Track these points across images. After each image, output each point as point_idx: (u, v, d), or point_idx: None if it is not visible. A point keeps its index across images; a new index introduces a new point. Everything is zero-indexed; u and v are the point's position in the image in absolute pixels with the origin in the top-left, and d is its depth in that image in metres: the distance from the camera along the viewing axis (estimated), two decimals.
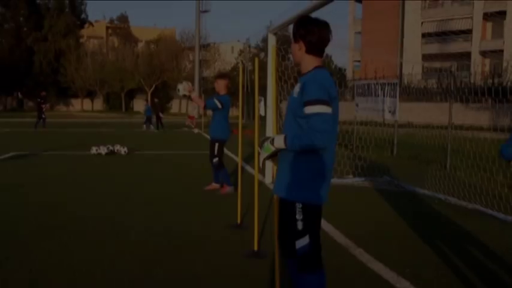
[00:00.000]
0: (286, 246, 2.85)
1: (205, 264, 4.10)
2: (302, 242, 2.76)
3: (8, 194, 6.93)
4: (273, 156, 2.77)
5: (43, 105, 22.18)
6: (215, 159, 7.22)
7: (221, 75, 7.78)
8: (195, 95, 7.08)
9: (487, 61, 42.87)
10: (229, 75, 7.90)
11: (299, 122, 2.66)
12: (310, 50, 2.72)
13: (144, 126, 24.39)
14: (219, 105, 7.10)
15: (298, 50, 2.76)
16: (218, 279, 3.75)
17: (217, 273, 3.89)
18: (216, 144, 7.24)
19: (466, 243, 4.79)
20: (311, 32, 2.69)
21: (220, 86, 7.26)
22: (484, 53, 43.04)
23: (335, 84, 2.76)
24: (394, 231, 5.22)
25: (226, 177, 7.27)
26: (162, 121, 23.90)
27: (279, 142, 2.67)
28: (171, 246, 4.57)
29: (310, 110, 2.56)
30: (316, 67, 2.72)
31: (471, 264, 4.14)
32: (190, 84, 7.08)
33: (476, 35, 43.14)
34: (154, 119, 24.14)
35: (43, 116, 22.00)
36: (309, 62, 2.75)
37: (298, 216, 2.72)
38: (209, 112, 8.09)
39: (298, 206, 2.73)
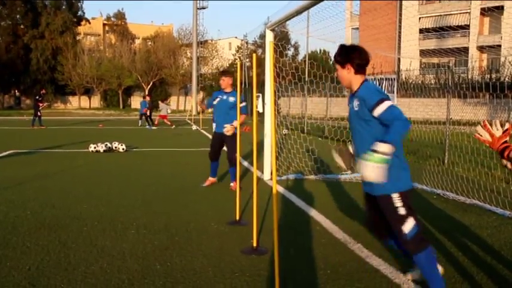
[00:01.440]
0: (395, 236, 3.33)
1: (205, 260, 4.11)
2: (408, 225, 3.15)
3: (6, 192, 6.92)
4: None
5: (40, 103, 22.13)
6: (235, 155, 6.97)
7: (226, 72, 7.63)
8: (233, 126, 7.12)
9: (485, 56, 42.91)
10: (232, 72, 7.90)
11: (372, 124, 3.14)
12: (357, 71, 3.26)
13: (140, 122, 24.49)
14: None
15: (347, 74, 3.29)
16: (217, 276, 3.76)
17: (216, 269, 3.90)
18: (233, 140, 7.08)
19: (464, 237, 4.81)
20: (356, 56, 3.24)
21: (227, 83, 7.28)
22: (481, 48, 43.06)
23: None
24: None
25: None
26: (151, 118, 23.89)
27: (384, 147, 2.88)
28: (170, 243, 4.58)
29: (379, 109, 3.02)
30: (363, 82, 3.28)
31: (469, 259, 4.16)
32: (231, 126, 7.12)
33: (473, 30, 43.15)
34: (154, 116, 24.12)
35: (39, 113, 21.96)
36: (357, 80, 3.28)
37: (398, 204, 3.16)
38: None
39: (395, 196, 3.16)
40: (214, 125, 7.63)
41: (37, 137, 17.04)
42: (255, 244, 4.40)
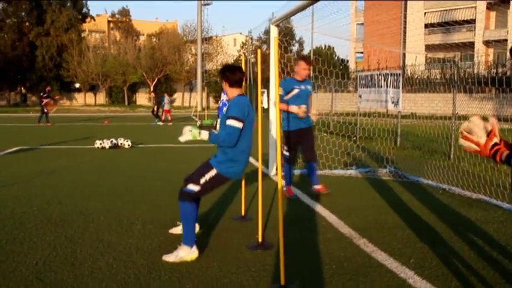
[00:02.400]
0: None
1: (210, 256, 4.12)
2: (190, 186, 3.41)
3: (13, 188, 6.96)
4: None
5: (43, 100, 22.19)
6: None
7: (307, 58, 6.53)
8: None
9: (491, 51, 42.61)
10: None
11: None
12: (231, 85, 3.46)
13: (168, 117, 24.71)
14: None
15: (224, 86, 3.54)
16: (223, 271, 3.77)
17: (222, 264, 3.91)
18: (313, 135, 6.50)
19: (470, 232, 4.80)
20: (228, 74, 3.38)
21: (308, 71, 6.31)
22: (487, 43, 42.78)
23: None
24: (398, 222, 5.23)
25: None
26: (158, 114, 23.93)
27: (204, 135, 3.55)
28: (175, 238, 4.59)
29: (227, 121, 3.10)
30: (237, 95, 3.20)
31: (475, 254, 4.15)
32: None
33: (479, 24, 42.84)
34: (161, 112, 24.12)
35: (45, 110, 22.03)
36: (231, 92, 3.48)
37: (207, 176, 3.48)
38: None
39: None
40: (286, 122, 6.27)
41: (43, 133, 17.12)
42: (260, 239, 4.41)
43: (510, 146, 2.37)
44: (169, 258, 4.01)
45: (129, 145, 12.35)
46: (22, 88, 56.60)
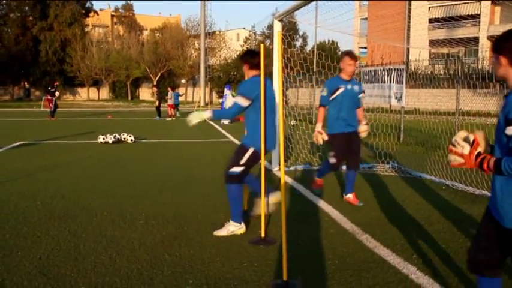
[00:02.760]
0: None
1: (213, 250, 4.13)
2: None
3: (17, 183, 6.99)
4: None
5: (48, 95, 22.24)
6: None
7: (352, 54, 5.80)
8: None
9: None
10: None
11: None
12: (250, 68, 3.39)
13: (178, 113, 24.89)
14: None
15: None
16: (226, 266, 3.78)
17: (224, 259, 3.92)
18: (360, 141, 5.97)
19: (473, 228, 4.79)
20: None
21: (353, 68, 5.78)
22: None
23: None
24: (400, 217, 5.22)
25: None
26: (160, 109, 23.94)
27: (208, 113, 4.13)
28: (178, 233, 4.61)
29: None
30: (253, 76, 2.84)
31: None
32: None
33: (484, 19, 42.61)
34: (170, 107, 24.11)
35: (50, 105, 22.08)
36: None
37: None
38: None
39: None
40: (332, 123, 5.79)
41: (46, 128, 17.16)
42: (263, 234, 4.42)
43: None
44: (221, 232, 4.55)
45: (132, 140, 12.37)
46: (25, 83, 56.65)
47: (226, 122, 19.82)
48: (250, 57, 4.64)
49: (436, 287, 3.39)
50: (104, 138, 12.09)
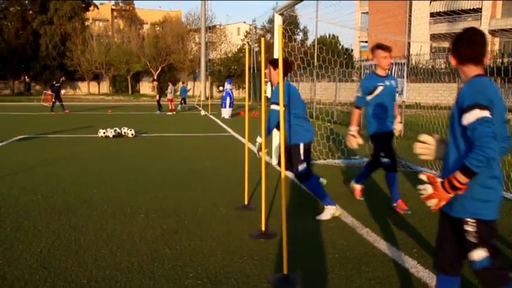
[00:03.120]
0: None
1: (213, 244, 4.14)
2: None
3: (18, 177, 6.99)
4: None
5: (51, 89, 22.27)
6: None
7: (385, 47, 5.37)
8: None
9: (497, 40, 42.27)
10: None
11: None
12: None
13: (179, 106, 25.09)
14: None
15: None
16: (226, 260, 3.79)
17: (225, 253, 3.93)
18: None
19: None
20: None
21: (388, 60, 5.38)
22: (493, 32, 42.42)
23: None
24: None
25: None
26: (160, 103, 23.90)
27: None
28: (179, 227, 4.61)
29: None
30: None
31: None
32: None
33: (485, 13, 42.46)
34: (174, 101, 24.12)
35: (53, 99, 22.07)
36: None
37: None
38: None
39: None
40: (375, 123, 5.34)
41: (47, 122, 17.15)
42: (263, 228, 4.43)
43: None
44: (325, 216, 4.91)
45: (132, 134, 12.36)
46: (26, 77, 56.57)
47: (226, 116, 19.80)
48: (279, 65, 4.01)
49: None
50: (104, 133, 12.09)
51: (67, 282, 3.34)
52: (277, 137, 7.99)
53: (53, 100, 22.15)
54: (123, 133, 12.32)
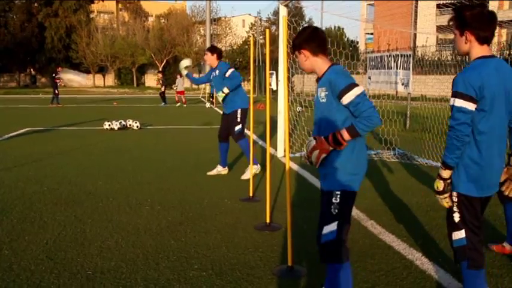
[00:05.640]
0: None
1: (218, 236, 4.15)
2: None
3: (24, 168, 7.03)
4: None
5: (57, 80, 22.29)
6: None
7: None
8: None
9: (504, 31, 41.90)
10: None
11: None
12: None
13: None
14: None
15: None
16: (231, 252, 3.80)
17: (230, 245, 3.94)
18: None
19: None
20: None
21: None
22: (501, 23, 42.03)
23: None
24: (406, 204, 5.22)
25: None
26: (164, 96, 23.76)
27: None
28: (184, 219, 4.63)
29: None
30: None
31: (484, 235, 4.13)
32: None
33: (493, 3, 42.06)
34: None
35: (56, 91, 22.11)
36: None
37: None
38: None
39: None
40: None
41: (53, 115, 17.21)
42: (268, 220, 4.43)
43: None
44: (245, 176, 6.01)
45: (137, 127, 12.39)
46: (31, 70, 56.74)
47: None
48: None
49: (441, 272, 3.40)
50: (109, 125, 12.12)
51: (72, 273, 3.36)
52: (282, 128, 7.99)
53: (56, 92, 22.11)
54: (128, 125, 12.35)
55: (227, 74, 6.55)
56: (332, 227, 2.69)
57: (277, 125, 8.09)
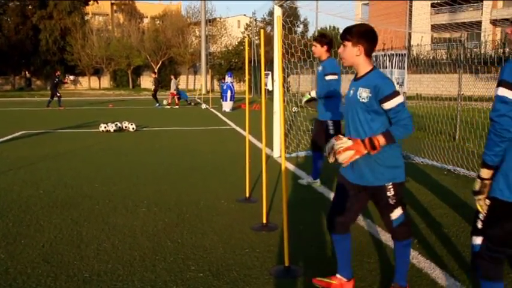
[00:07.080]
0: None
1: (215, 237, 4.15)
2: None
3: (20, 172, 7.01)
4: None
5: (66, 80, 22.31)
6: None
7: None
8: None
9: (498, 30, 42.06)
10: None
11: None
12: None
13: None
14: None
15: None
16: (228, 252, 3.80)
17: (226, 246, 3.94)
18: None
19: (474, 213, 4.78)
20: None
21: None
22: (495, 22, 42.20)
23: None
24: None
25: None
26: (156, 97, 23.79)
27: None
28: (180, 220, 4.62)
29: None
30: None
31: None
32: None
33: (487, 3, 42.22)
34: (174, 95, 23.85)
35: (58, 94, 22.04)
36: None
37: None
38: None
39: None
40: None
41: (48, 117, 17.16)
42: (264, 221, 4.43)
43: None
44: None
45: (133, 128, 12.37)
46: (26, 72, 56.50)
47: (227, 109, 19.79)
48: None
49: (437, 271, 3.41)
50: (105, 127, 12.09)
51: (69, 276, 3.35)
52: (278, 128, 7.99)
53: (58, 95, 22.07)
54: (124, 127, 12.32)
55: (327, 78, 5.56)
56: (398, 212, 2.96)
57: (273, 125, 8.10)
